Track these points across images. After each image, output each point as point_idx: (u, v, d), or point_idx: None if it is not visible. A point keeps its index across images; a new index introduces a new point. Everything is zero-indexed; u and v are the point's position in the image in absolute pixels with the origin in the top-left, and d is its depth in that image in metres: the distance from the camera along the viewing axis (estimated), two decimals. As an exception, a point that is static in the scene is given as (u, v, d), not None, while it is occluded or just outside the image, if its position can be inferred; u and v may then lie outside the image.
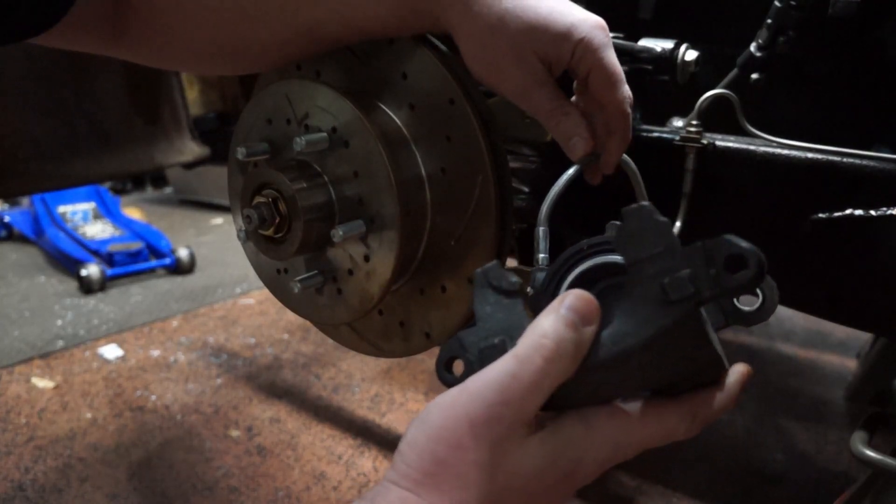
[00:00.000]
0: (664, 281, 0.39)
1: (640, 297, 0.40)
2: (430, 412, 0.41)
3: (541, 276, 0.47)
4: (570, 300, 0.41)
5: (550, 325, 0.40)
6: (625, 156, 0.62)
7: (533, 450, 0.41)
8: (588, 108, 0.60)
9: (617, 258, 0.43)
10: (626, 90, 0.58)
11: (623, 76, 0.58)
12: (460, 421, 0.39)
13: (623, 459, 0.44)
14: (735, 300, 0.44)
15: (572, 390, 0.42)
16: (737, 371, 0.48)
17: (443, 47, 0.56)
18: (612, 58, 0.57)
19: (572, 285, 0.45)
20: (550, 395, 0.41)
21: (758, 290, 0.40)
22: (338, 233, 0.53)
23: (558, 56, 0.54)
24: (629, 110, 0.58)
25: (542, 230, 0.54)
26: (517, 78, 0.54)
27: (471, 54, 0.54)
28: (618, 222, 0.44)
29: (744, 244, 0.37)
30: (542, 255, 0.53)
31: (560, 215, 0.87)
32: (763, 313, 0.40)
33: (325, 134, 0.56)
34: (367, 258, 0.56)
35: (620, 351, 0.40)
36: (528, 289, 0.48)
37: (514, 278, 0.45)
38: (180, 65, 0.68)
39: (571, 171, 0.57)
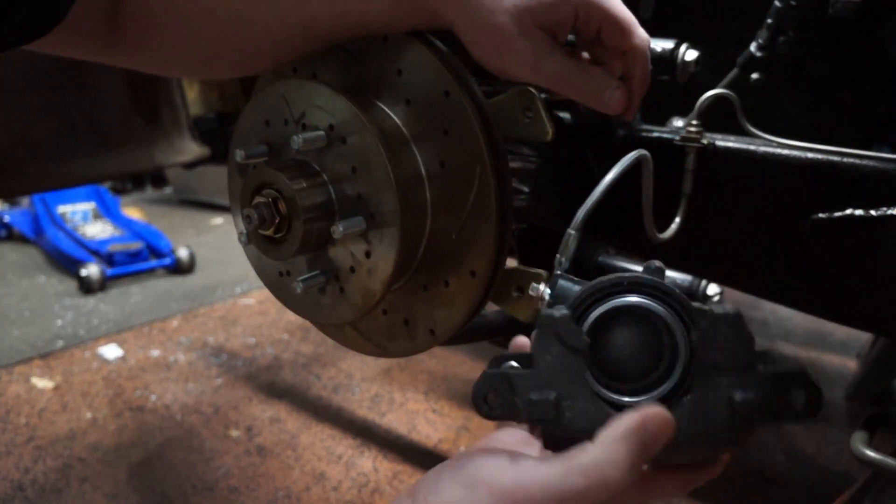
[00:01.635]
0: (734, 395, 0.41)
1: (704, 402, 0.42)
2: (480, 488, 0.40)
3: (564, 284, 0.48)
4: (653, 422, 0.40)
5: (625, 457, 0.39)
6: (646, 153, 0.61)
7: None
8: (600, 61, 0.59)
9: (656, 307, 0.43)
10: (642, 32, 0.57)
11: (635, 19, 0.57)
12: None
13: None
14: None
15: None
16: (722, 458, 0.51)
17: (437, 43, 0.56)
18: (619, 5, 0.56)
19: (601, 317, 0.44)
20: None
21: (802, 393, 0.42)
22: (338, 229, 0.53)
23: (561, 21, 0.54)
24: (648, 51, 0.58)
25: (572, 233, 0.54)
26: (525, 53, 0.54)
27: (474, 41, 0.54)
28: (656, 263, 0.45)
29: (812, 380, 0.40)
30: (564, 259, 0.53)
31: (562, 216, 0.87)
32: (810, 412, 0.42)
33: (322, 132, 0.56)
34: (368, 254, 0.57)
35: (678, 443, 0.41)
36: (544, 289, 0.48)
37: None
38: (176, 70, 0.68)
39: (612, 174, 0.57)
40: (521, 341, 0.58)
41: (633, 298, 0.44)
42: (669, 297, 0.44)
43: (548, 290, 0.51)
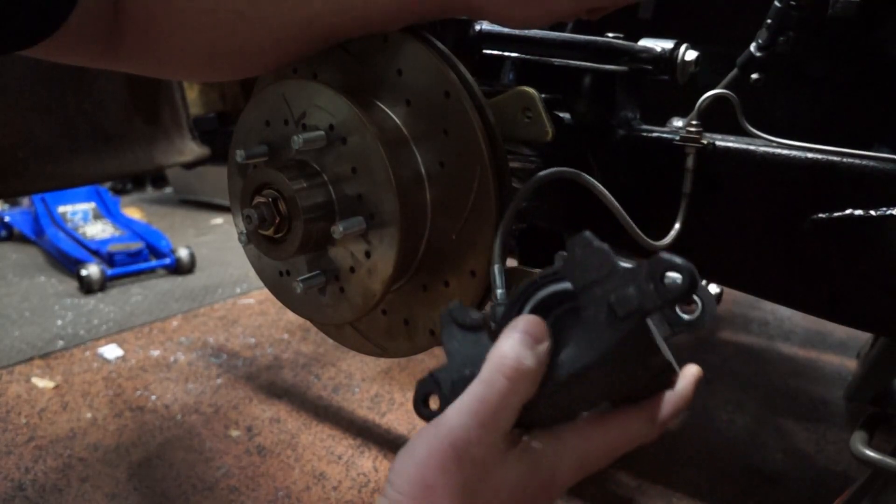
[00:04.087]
0: (611, 300, 0.43)
1: (591, 318, 0.44)
2: (416, 444, 0.44)
3: (500, 310, 0.51)
4: (520, 324, 0.45)
5: (508, 346, 0.44)
6: (587, 177, 0.62)
7: (511, 466, 0.45)
8: None
9: (567, 286, 0.47)
10: None
11: None
12: (443, 447, 0.42)
13: (597, 468, 0.48)
14: (678, 311, 0.49)
15: (539, 409, 0.46)
16: (689, 373, 0.51)
17: (437, 43, 0.56)
18: None
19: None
20: (520, 416, 0.44)
21: (697, 301, 0.44)
22: (338, 229, 0.53)
23: None
24: None
25: (497, 267, 0.57)
26: None
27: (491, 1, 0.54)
28: (565, 253, 0.48)
29: (677, 259, 0.41)
30: (499, 291, 0.56)
31: (560, 216, 0.87)
32: (702, 320, 0.44)
33: (322, 132, 0.56)
34: (368, 254, 0.57)
35: (579, 368, 0.44)
36: (491, 323, 0.51)
37: (476, 314, 0.49)
38: (177, 73, 0.68)
39: (521, 190, 0.59)
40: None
41: (544, 292, 0.48)
42: (560, 275, 0.47)
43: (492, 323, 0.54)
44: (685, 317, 0.44)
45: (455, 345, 0.49)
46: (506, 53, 0.79)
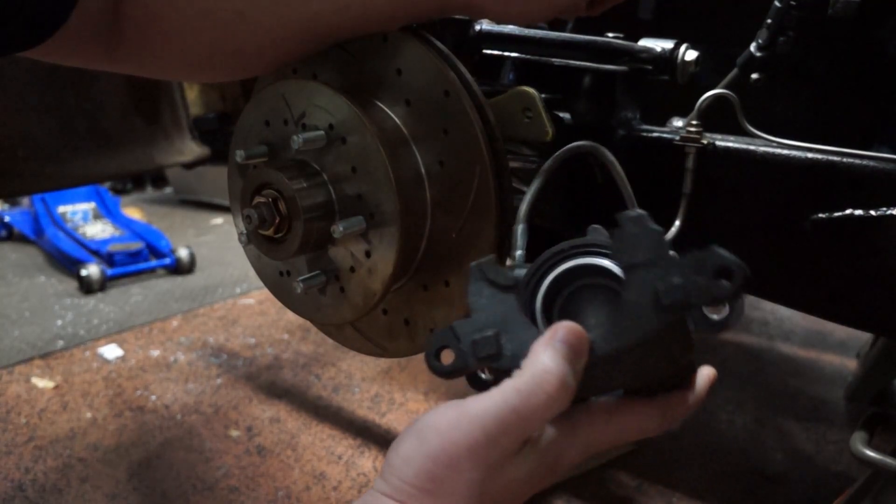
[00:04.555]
0: (658, 286, 0.41)
1: (633, 302, 0.42)
2: (428, 433, 0.42)
3: (519, 272, 0.49)
4: (563, 334, 0.42)
5: (552, 360, 0.41)
6: (605, 151, 0.62)
7: (522, 462, 0.43)
8: None
9: (597, 261, 0.45)
10: None
11: None
12: (459, 446, 0.40)
13: (598, 451, 0.47)
14: (704, 310, 0.47)
15: None
16: (704, 375, 0.50)
17: (437, 42, 0.56)
18: None
19: (552, 285, 0.47)
20: None
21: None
22: (338, 229, 0.53)
23: None
24: None
25: (520, 227, 0.56)
26: None
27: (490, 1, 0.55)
28: (597, 226, 0.47)
29: (730, 257, 0.40)
30: (518, 252, 0.55)
31: (560, 214, 0.87)
32: (730, 322, 0.42)
33: (322, 132, 0.56)
34: (368, 254, 0.57)
35: (614, 349, 0.42)
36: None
37: (510, 274, 0.46)
38: (177, 74, 0.68)
39: (546, 164, 0.58)
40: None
41: (573, 262, 0.46)
42: (595, 247, 0.46)
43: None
44: (713, 317, 0.41)
45: (482, 301, 0.46)
46: (506, 53, 0.79)
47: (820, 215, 0.73)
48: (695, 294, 0.40)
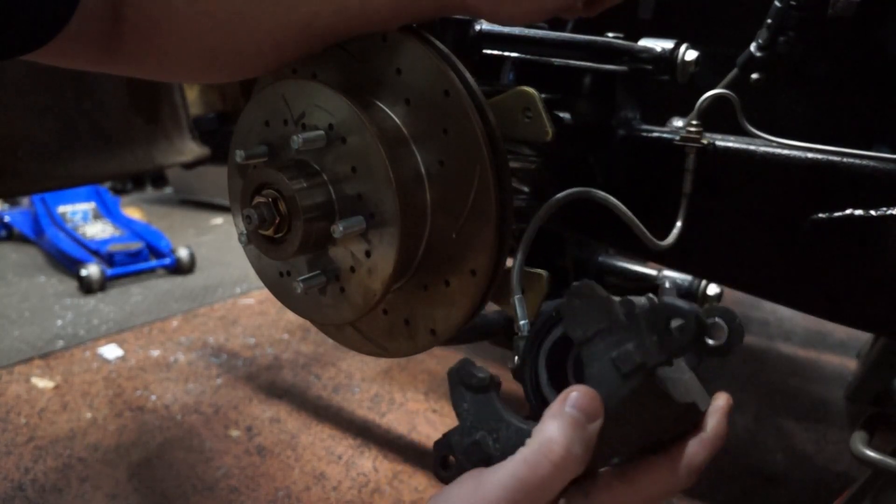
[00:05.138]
0: (613, 355, 0.41)
1: (597, 374, 0.43)
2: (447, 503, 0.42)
3: (522, 344, 0.50)
4: (573, 398, 0.42)
5: (558, 429, 0.41)
6: (602, 194, 0.62)
7: None
8: None
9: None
10: None
11: None
12: None
13: None
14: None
15: None
16: (717, 407, 0.48)
17: (436, 42, 0.56)
18: None
19: (550, 353, 0.48)
20: None
21: (722, 324, 0.41)
22: (338, 228, 0.53)
23: None
24: None
25: (517, 298, 0.56)
26: None
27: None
28: (577, 283, 0.46)
29: (680, 304, 0.40)
30: (522, 323, 0.55)
31: (560, 217, 0.87)
32: (730, 345, 0.41)
33: (321, 132, 0.56)
34: (368, 254, 0.57)
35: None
36: (516, 358, 0.51)
37: (483, 374, 0.48)
38: (178, 75, 0.68)
39: (540, 212, 0.59)
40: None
41: (557, 330, 0.48)
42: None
43: (517, 358, 0.53)
44: (710, 342, 0.41)
45: (465, 406, 0.48)
46: (506, 53, 0.79)
47: (820, 215, 0.73)
48: (651, 355, 0.40)
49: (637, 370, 0.41)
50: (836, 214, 0.71)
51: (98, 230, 3.49)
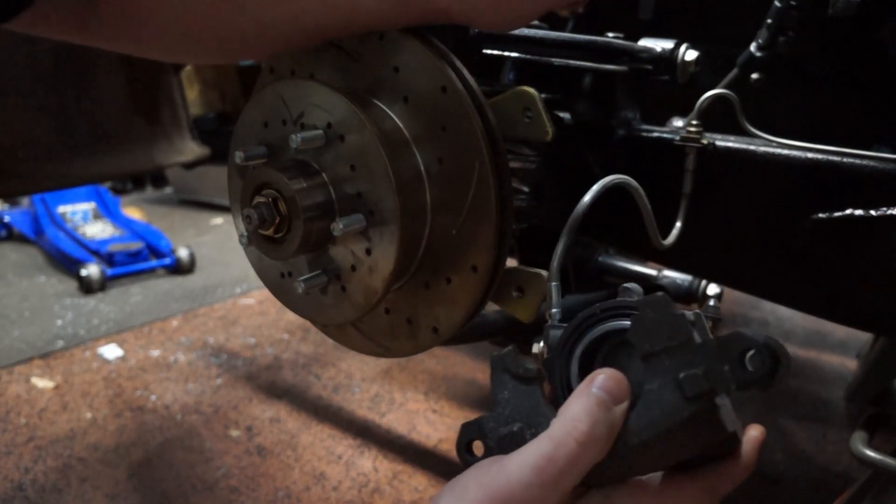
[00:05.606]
0: (680, 376, 0.41)
1: (657, 391, 0.42)
2: (467, 485, 0.42)
3: (555, 333, 0.49)
4: (600, 380, 0.42)
5: (582, 407, 0.41)
6: (628, 179, 0.62)
7: None
8: None
9: (629, 324, 0.45)
10: None
11: None
12: (498, 499, 0.40)
13: None
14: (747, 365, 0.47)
15: (601, 470, 0.43)
16: (751, 437, 0.49)
17: (435, 40, 0.57)
18: None
19: (587, 348, 0.47)
20: None
21: (767, 357, 0.41)
22: (338, 226, 0.53)
23: None
24: None
25: (553, 285, 0.55)
26: None
27: (476, 4, 0.55)
28: (630, 285, 0.47)
29: (758, 338, 0.39)
30: (554, 311, 0.54)
31: (560, 214, 0.87)
32: (775, 376, 0.40)
33: (320, 131, 0.56)
34: (368, 252, 0.57)
35: (646, 439, 0.42)
36: (542, 344, 0.50)
37: (532, 365, 0.47)
38: (155, 52, 0.66)
39: (578, 209, 0.58)
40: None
41: (605, 326, 0.47)
42: (629, 309, 0.46)
43: (542, 344, 0.53)
44: (753, 370, 0.40)
45: (505, 394, 0.47)
46: (506, 53, 0.79)
47: (820, 215, 0.73)
48: (720, 383, 0.40)
49: (702, 396, 0.40)
50: (836, 214, 0.71)
51: (98, 230, 3.49)
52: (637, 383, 0.44)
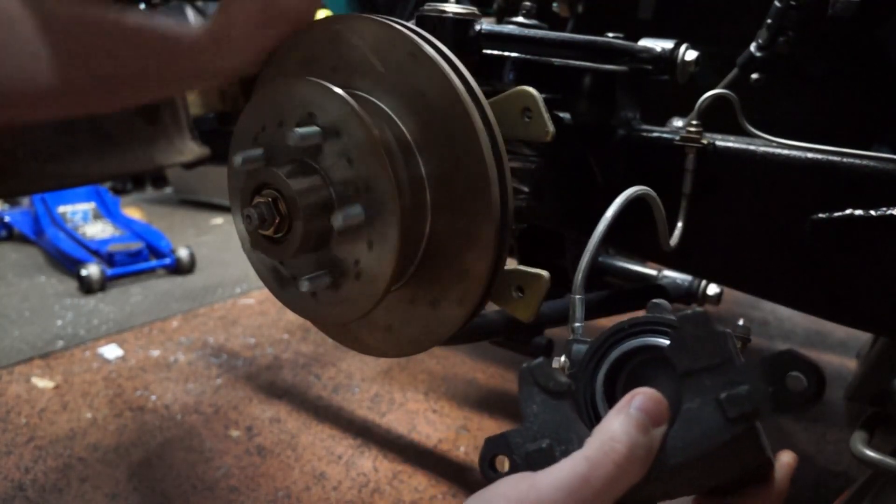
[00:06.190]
0: (721, 397, 0.40)
1: (697, 411, 0.41)
2: (497, 502, 0.40)
3: (578, 347, 0.48)
4: (639, 400, 0.41)
5: (621, 428, 0.40)
6: (648, 189, 0.62)
7: None
8: None
9: (659, 341, 0.44)
10: None
11: None
12: None
13: None
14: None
15: (634, 491, 0.42)
16: (784, 464, 0.48)
17: (435, 40, 0.57)
18: None
19: (613, 365, 0.46)
20: None
21: (800, 374, 0.40)
22: (338, 219, 0.53)
23: None
24: None
25: (577, 298, 0.54)
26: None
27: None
28: (659, 301, 0.45)
29: (802, 357, 0.38)
30: (577, 325, 0.53)
31: (560, 214, 0.87)
32: (813, 399, 0.39)
33: (318, 129, 0.56)
34: (370, 247, 0.57)
35: (684, 461, 0.41)
36: (563, 358, 0.48)
37: (563, 379, 0.46)
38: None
39: (611, 211, 0.57)
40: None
41: (634, 343, 0.45)
42: (665, 327, 0.45)
43: (564, 358, 0.52)
44: (796, 392, 0.38)
45: (534, 408, 0.45)
46: (506, 53, 0.79)
47: (820, 215, 0.73)
48: (765, 405, 0.39)
49: (745, 417, 0.39)
50: (836, 214, 0.71)
51: (98, 230, 3.49)
52: (671, 402, 0.42)
